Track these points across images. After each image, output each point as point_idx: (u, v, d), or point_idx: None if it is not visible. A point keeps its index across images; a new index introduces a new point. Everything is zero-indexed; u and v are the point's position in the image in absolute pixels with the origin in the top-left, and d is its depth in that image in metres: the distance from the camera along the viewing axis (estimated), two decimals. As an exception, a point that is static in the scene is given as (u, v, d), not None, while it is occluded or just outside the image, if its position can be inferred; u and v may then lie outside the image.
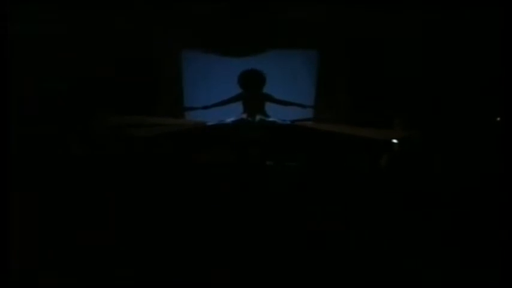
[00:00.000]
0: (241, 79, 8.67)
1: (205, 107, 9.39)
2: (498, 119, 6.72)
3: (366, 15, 8.25)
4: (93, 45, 8.83)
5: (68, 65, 8.86)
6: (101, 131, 7.71)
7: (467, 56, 8.80)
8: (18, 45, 7.16)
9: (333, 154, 6.71)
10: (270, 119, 8.34)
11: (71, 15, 8.12)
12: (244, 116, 8.09)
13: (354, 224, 3.04)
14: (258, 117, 8.11)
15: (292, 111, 9.19)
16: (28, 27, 8.10)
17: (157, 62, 9.35)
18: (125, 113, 7.93)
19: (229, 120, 8.11)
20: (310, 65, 9.55)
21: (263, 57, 8.49)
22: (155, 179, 4.19)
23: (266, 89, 8.74)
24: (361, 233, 2.93)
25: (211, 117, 8.59)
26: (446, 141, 7.32)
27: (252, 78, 8.66)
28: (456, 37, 8.77)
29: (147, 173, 5.58)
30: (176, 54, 9.29)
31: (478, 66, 8.61)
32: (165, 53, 9.30)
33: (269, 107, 9.27)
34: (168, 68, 9.37)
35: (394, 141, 7.41)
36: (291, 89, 9.35)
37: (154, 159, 7.04)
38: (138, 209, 3.15)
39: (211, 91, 9.35)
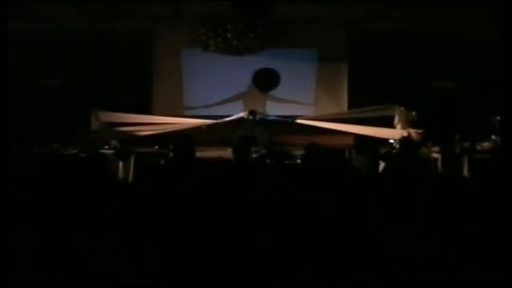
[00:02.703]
0: (255, 77, 8.62)
1: (206, 106, 9.42)
2: (498, 118, 6.73)
3: (365, 14, 8.26)
4: (94, 44, 8.85)
5: (68, 63, 8.87)
6: (99, 130, 7.72)
7: (467, 54, 8.81)
8: (16, 43, 7.16)
9: (332, 152, 6.72)
10: (270, 118, 8.34)
11: (71, 14, 8.12)
12: (245, 114, 8.09)
13: (353, 224, 3.04)
14: (258, 116, 8.11)
15: (292, 110, 9.23)
16: (26, 25, 8.10)
17: (157, 60, 9.37)
18: (124, 111, 7.96)
19: (228, 119, 8.12)
20: (311, 63, 9.58)
21: (263, 55, 8.53)
22: (153, 177, 4.18)
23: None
24: (360, 232, 2.93)
25: (211, 116, 8.62)
26: (446, 141, 7.32)
27: (267, 77, 8.64)
28: (457, 35, 8.77)
29: (145, 171, 5.58)
30: (176, 52, 9.31)
31: (477, 64, 8.62)
32: (165, 51, 9.32)
33: (269, 105, 9.32)
34: (168, 67, 9.38)
35: (392, 140, 7.42)
36: (291, 87, 9.39)
37: (153, 158, 7.04)
38: (136, 208, 3.15)
39: (210, 89, 9.38)
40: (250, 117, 8.00)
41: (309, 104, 9.56)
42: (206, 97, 9.35)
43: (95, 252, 2.57)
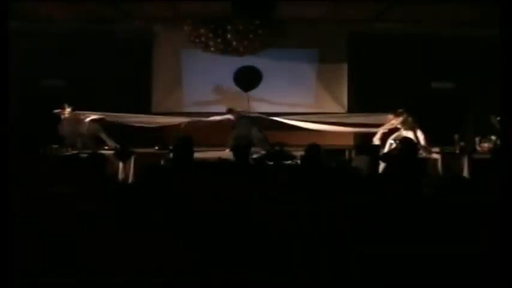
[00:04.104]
0: (235, 76, 8.63)
1: (206, 105, 9.42)
2: (498, 118, 6.72)
3: (365, 14, 8.26)
4: (94, 44, 8.85)
5: (68, 63, 8.87)
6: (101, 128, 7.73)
7: (467, 54, 8.81)
8: (16, 43, 7.17)
9: (330, 152, 6.71)
10: (254, 115, 8.33)
11: (72, 14, 8.12)
12: (231, 115, 8.11)
13: (352, 224, 3.04)
14: (242, 113, 8.14)
15: (292, 109, 9.23)
16: (26, 25, 8.10)
17: (157, 60, 9.38)
18: (124, 111, 7.97)
19: (212, 118, 8.16)
20: (311, 63, 9.57)
21: (263, 55, 8.53)
22: (151, 176, 4.17)
23: (266, 86, 8.76)
24: (360, 233, 2.93)
25: (210, 114, 8.63)
26: (445, 140, 7.32)
27: (248, 75, 8.63)
28: (457, 34, 8.77)
29: (143, 171, 5.57)
30: (176, 52, 9.31)
31: (477, 64, 8.62)
32: (165, 51, 9.32)
33: (269, 104, 9.31)
34: (168, 66, 9.38)
35: (392, 141, 7.41)
36: (291, 87, 9.40)
37: (153, 158, 7.04)
38: (135, 208, 3.14)
39: (210, 88, 9.40)
40: (233, 116, 8.04)
41: (309, 103, 9.56)
42: (205, 96, 9.37)
43: (94, 253, 2.57)
